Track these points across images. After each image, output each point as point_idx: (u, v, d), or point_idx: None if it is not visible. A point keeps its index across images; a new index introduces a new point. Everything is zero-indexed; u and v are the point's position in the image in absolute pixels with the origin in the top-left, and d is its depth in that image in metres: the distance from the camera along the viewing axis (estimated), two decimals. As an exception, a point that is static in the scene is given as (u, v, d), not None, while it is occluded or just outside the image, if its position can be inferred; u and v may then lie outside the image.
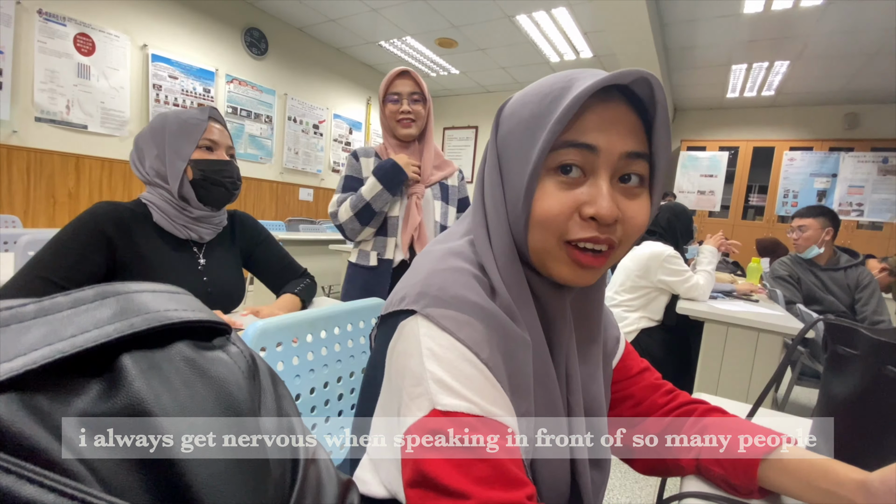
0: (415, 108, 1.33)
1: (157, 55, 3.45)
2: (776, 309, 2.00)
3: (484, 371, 0.38)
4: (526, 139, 0.42)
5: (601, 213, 0.40)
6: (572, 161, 0.41)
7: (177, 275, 1.01)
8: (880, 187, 4.66)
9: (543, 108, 0.41)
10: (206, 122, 1.01)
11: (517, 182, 0.43)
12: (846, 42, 3.52)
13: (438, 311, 0.40)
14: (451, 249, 0.47)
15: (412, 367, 0.39)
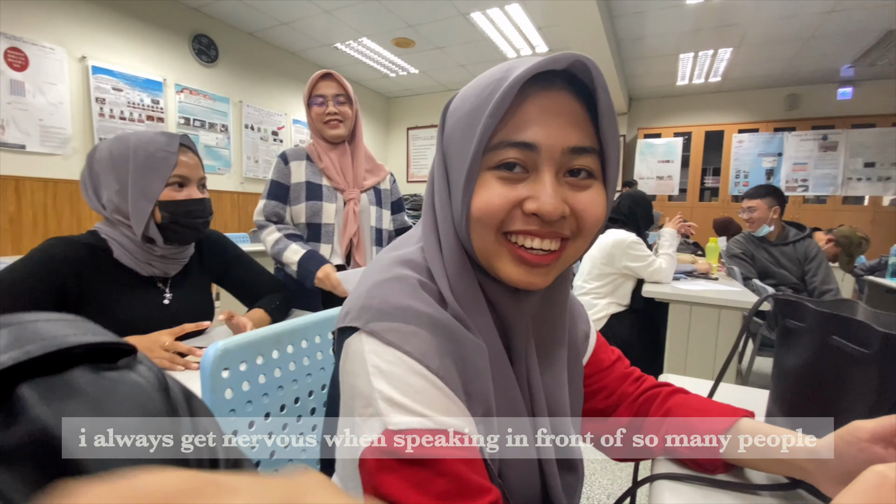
0: (341, 109, 1.32)
1: (98, 67, 3.28)
2: (734, 285, 2.09)
3: (435, 382, 0.37)
4: (465, 135, 0.40)
5: (544, 209, 0.38)
6: (513, 159, 0.39)
7: (140, 313, 0.94)
8: (822, 163, 4.95)
9: (482, 100, 0.39)
10: (175, 155, 0.91)
11: (459, 179, 0.41)
12: (783, 27, 3.72)
13: (382, 324, 0.38)
14: (398, 258, 0.46)
15: (360, 388, 0.37)
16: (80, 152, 3.21)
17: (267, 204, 1.32)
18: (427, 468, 0.34)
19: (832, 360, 0.47)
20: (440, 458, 0.34)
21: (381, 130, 6.54)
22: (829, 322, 0.47)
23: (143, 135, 0.92)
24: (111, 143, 0.91)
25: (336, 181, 1.34)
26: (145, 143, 0.90)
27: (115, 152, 0.89)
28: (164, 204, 0.91)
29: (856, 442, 0.38)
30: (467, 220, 0.41)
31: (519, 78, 0.37)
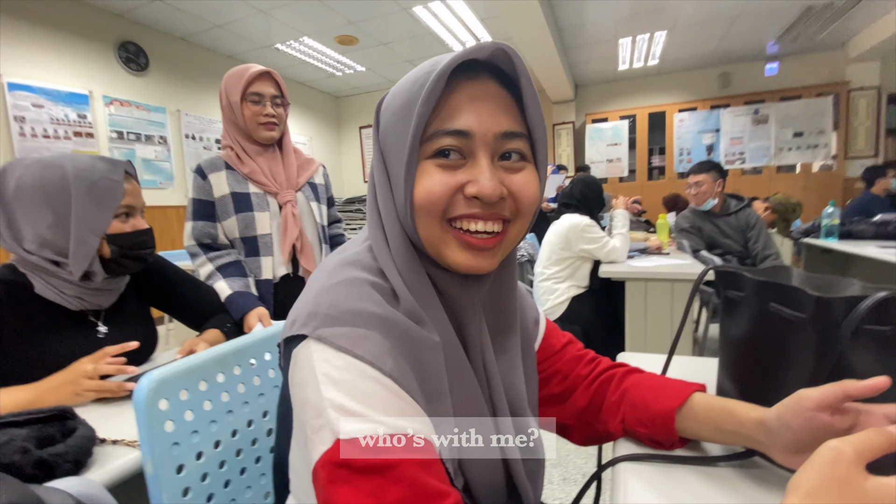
0: (278, 112, 1.24)
1: (14, 83, 3.02)
2: (685, 258, 2.18)
3: (388, 384, 0.36)
4: (401, 129, 0.41)
5: (484, 191, 0.39)
6: (449, 146, 0.40)
7: (71, 352, 0.84)
8: (756, 136, 5.26)
9: (413, 94, 0.40)
10: (121, 184, 0.83)
11: (399, 173, 0.41)
12: (710, 8, 3.90)
13: (330, 330, 0.37)
14: (345, 259, 0.44)
15: (310, 398, 0.36)
16: (0, 176, 2.95)
17: (195, 226, 1.20)
18: (381, 476, 0.32)
19: (772, 327, 0.48)
20: (394, 464, 0.32)
21: (333, 131, 6.39)
22: (766, 289, 0.48)
23: (79, 160, 0.82)
24: (38, 170, 0.79)
25: (266, 185, 1.24)
26: (86, 171, 0.81)
27: (47, 180, 0.79)
28: (113, 237, 0.84)
29: (802, 411, 0.39)
30: (412, 210, 0.41)
31: (446, 67, 0.38)
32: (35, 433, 0.51)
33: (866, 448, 0.30)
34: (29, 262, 0.83)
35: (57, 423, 0.54)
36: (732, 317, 0.54)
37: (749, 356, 0.51)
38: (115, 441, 0.62)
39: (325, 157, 6.12)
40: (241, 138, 1.25)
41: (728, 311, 0.55)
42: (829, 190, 5.00)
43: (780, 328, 0.47)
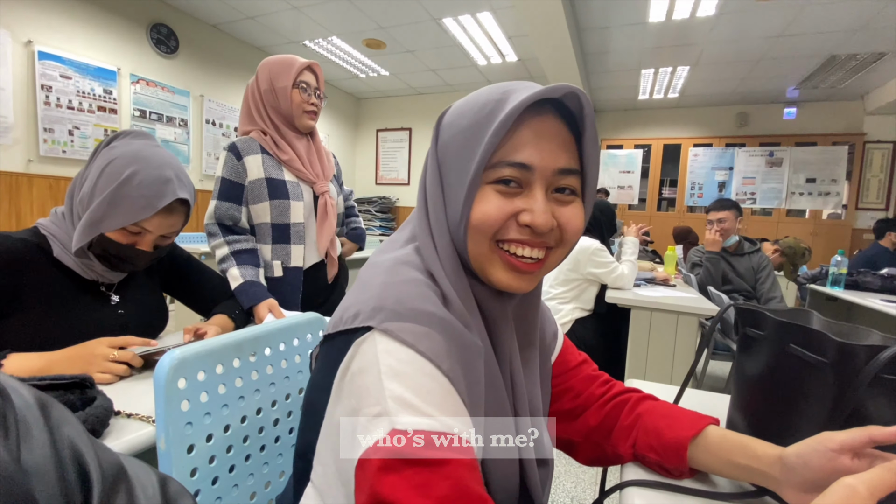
0: (318, 103, 1.27)
1: (45, 52, 3.06)
2: (691, 292, 2.18)
3: (445, 384, 0.38)
4: (465, 150, 0.44)
5: (537, 222, 0.42)
6: (509, 176, 0.43)
7: (87, 318, 0.87)
8: (769, 178, 5.28)
9: (481, 119, 0.43)
10: (154, 210, 0.83)
11: (457, 191, 0.44)
12: (735, 49, 3.94)
13: (397, 324, 0.38)
14: (399, 259, 0.46)
15: (369, 386, 0.36)
16: (22, 142, 2.99)
17: (219, 206, 1.19)
18: (431, 471, 0.33)
19: (790, 368, 0.49)
20: (445, 462, 0.33)
21: (351, 131, 6.44)
22: (787, 331, 0.49)
23: (147, 171, 0.82)
24: (118, 153, 0.82)
25: (304, 173, 1.26)
26: (141, 184, 0.81)
27: (112, 166, 0.81)
28: (103, 239, 0.84)
29: (825, 452, 0.40)
30: (465, 228, 0.44)
31: (521, 105, 0.41)
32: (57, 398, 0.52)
33: (878, 485, 0.31)
34: (56, 219, 0.86)
35: (77, 390, 0.55)
36: (750, 354, 0.54)
37: (764, 394, 0.52)
38: (129, 414, 0.63)
39: (340, 156, 6.15)
40: (281, 124, 1.25)
41: (745, 349, 0.55)
42: (837, 238, 5.01)
43: (799, 370, 0.48)
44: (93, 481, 0.24)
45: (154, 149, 0.87)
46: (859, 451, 0.40)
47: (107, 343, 0.78)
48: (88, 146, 3.33)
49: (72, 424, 0.25)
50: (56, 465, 0.22)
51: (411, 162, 6.18)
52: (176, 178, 0.86)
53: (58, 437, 0.23)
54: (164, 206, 0.85)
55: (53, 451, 0.23)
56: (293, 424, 0.77)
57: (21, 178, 3.01)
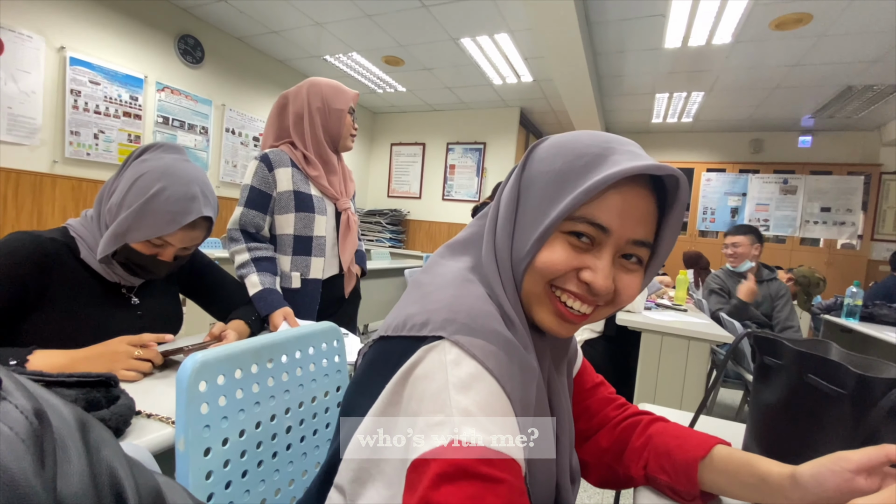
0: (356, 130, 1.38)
1: (76, 59, 3.18)
2: (703, 318, 2.16)
3: (506, 404, 0.38)
4: (549, 192, 0.44)
5: (597, 285, 0.43)
6: (584, 231, 0.44)
7: (109, 319, 0.90)
8: (782, 205, 5.25)
9: (575, 168, 0.43)
10: (178, 226, 0.86)
11: (530, 229, 0.45)
12: (750, 77, 3.97)
13: (468, 339, 0.39)
14: (462, 273, 0.47)
15: (435, 394, 0.37)
16: (49, 144, 3.08)
17: (246, 213, 1.23)
18: (486, 487, 0.33)
19: (808, 398, 0.49)
20: (500, 480, 0.34)
21: (366, 145, 6.54)
22: (805, 361, 0.49)
23: (175, 188, 0.85)
24: (148, 167, 0.85)
25: (329, 190, 1.32)
26: (168, 200, 0.84)
27: (142, 180, 0.84)
28: (127, 249, 0.86)
29: (841, 472, 0.40)
30: (527, 266, 0.45)
31: (619, 174, 0.41)
32: (83, 395, 0.53)
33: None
34: (86, 221, 0.89)
35: (102, 388, 0.57)
36: (767, 383, 0.54)
37: (781, 423, 0.52)
38: (149, 414, 0.64)
39: (354, 168, 6.25)
40: (324, 142, 1.30)
41: (762, 377, 0.55)
42: (851, 269, 4.94)
43: (817, 400, 0.48)
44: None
45: (183, 164, 0.89)
46: (875, 471, 0.40)
47: (127, 341, 0.80)
48: (112, 150, 3.42)
49: (110, 446, 0.24)
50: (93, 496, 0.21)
51: (423, 176, 6.24)
52: (202, 194, 0.89)
53: (96, 462, 0.22)
54: (193, 223, 0.88)
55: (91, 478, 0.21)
56: (305, 433, 0.78)
57: (45, 179, 3.09)
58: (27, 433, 0.19)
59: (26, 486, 0.17)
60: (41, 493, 0.18)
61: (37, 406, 0.20)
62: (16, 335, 0.82)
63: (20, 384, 0.20)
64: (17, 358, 0.72)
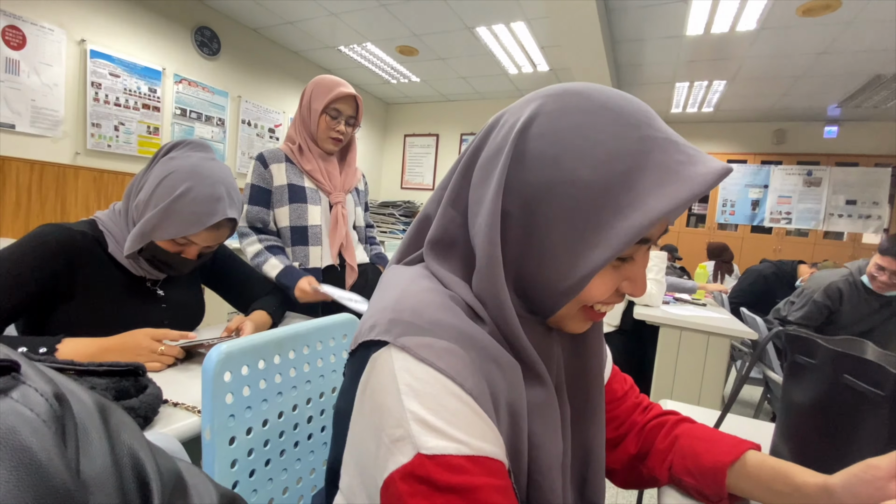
0: (347, 131, 1.34)
1: (96, 51, 3.22)
2: (723, 312, 2.12)
3: (470, 403, 0.35)
4: (587, 213, 0.37)
5: (637, 294, 0.42)
6: (628, 254, 0.41)
7: (132, 306, 0.92)
8: (805, 198, 5.10)
9: (612, 180, 0.36)
10: (202, 227, 0.87)
11: (566, 258, 0.38)
12: (775, 65, 3.84)
13: (414, 339, 0.36)
14: (418, 270, 0.45)
15: (390, 406, 0.35)
16: (71, 136, 3.14)
17: (250, 210, 1.29)
18: (462, 498, 0.32)
19: (843, 399, 0.47)
20: (476, 487, 0.32)
21: (379, 135, 6.53)
22: (841, 360, 0.48)
23: (201, 188, 0.86)
24: (175, 165, 0.86)
25: (322, 183, 1.34)
26: (194, 200, 0.85)
27: (169, 179, 0.85)
28: (153, 247, 0.88)
29: (873, 480, 0.39)
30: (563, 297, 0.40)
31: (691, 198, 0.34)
32: (113, 384, 0.55)
33: None
34: (113, 215, 0.91)
35: (131, 377, 0.58)
36: (798, 382, 0.53)
37: (813, 424, 0.51)
38: (175, 403, 0.65)
39: (367, 160, 6.26)
40: (308, 139, 1.34)
41: (794, 376, 0.54)
42: (877, 264, 4.80)
43: (853, 401, 0.46)
44: (153, 491, 0.23)
45: (210, 163, 0.90)
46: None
47: (151, 335, 0.82)
48: (132, 142, 3.48)
49: (131, 429, 0.24)
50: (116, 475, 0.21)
51: (437, 168, 6.22)
52: (227, 195, 0.90)
53: (117, 445, 0.22)
54: (217, 224, 0.89)
55: (113, 459, 0.21)
56: (325, 423, 0.78)
57: (68, 170, 3.15)
58: (49, 415, 0.19)
59: (50, 466, 0.17)
60: (64, 472, 0.18)
61: (56, 390, 0.20)
62: (45, 325, 0.84)
63: (39, 370, 0.21)
64: (47, 346, 0.74)
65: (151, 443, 0.25)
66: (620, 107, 0.37)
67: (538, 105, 0.40)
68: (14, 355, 0.20)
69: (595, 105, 0.38)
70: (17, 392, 0.18)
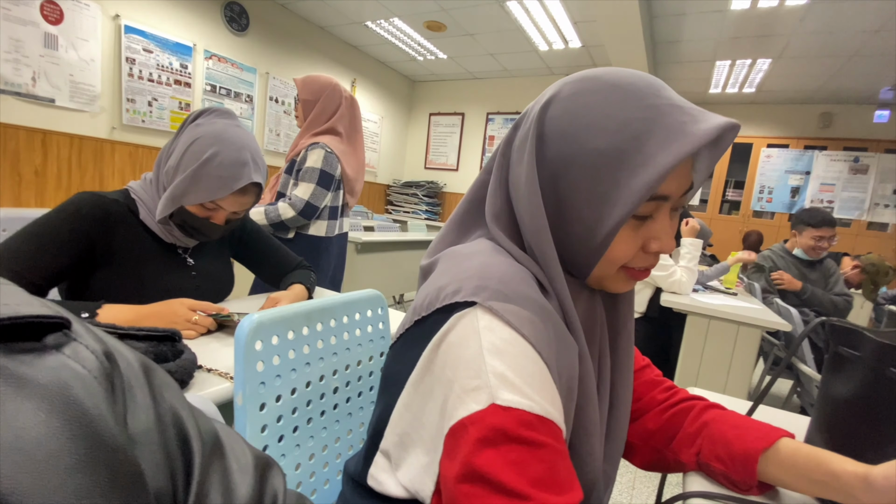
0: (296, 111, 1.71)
1: (130, 27, 3.28)
2: (754, 303, 2.06)
3: (544, 370, 0.37)
4: (604, 177, 0.40)
5: (665, 249, 0.43)
6: (647, 212, 0.43)
7: (167, 278, 0.95)
8: (850, 186, 4.84)
9: (624, 146, 0.39)
10: (230, 190, 0.89)
11: (591, 217, 0.42)
12: (826, 42, 3.60)
13: (501, 304, 0.38)
14: (489, 245, 0.47)
15: (469, 360, 0.36)
16: (108, 111, 3.23)
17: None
18: (529, 451, 0.33)
19: (888, 392, 0.45)
20: (542, 443, 0.33)
21: (404, 113, 6.49)
22: (888, 353, 0.45)
23: (227, 153, 0.88)
24: (202, 131, 0.88)
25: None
26: (220, 165, 0.87)
27: (196, 145, 0.87)
28: (182, 211, 0.91)
29: None
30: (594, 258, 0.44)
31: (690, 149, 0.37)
32: (152, 348, 0.57)
33: None
34: (145, 183, 0.94)
35: (168, 342, 0.60)
36: (840, 375, 0.51)
37: (854, 417, 0.49)
38: (209, 369, 0.68)
39: (392, 139, 6.24)
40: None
41: (836, 368, 0.52)
42: (924, 257, 4.54)
43: (899, 396, 0.44)
44: (193, 450, 0.23)
45: (235, 129, 0.92)
46: None
47: (189, 305, 0.85)
48: (165, 118, 3.55)
49: (172, 389, 0.25)
50: (159, 433, 0.22)
51: (461, 147, 6.15)
52: (252, 161, 0.92)
53: (161, 403, 0.23)
54: (244, 188, 0.90)
55: (157, 417, 0.22)
56: (350, 394, 0.80)
57: (105, 144, 3.26)
58: (99, 371, 0.19)
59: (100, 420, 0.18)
60: (114, 426, 0.18)
61: (105, 348, 0.21)
62: (83, 291, 0.88)
63: (89, 328, 0.21)
64: (89, 311, 0.77)
65: (191, 404, 0.26)
66: (630, 83, 0.41)
67: (556, 91, 0.44)
68: (65, 313, 0.20)
69: (606, 85, 0.41)
70: (68, 348, 0.19)
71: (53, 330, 0.19)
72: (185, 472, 0.22)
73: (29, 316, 0.18)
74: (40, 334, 0.19)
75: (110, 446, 0.17)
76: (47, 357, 0.18)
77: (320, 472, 0.74)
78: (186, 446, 0.23)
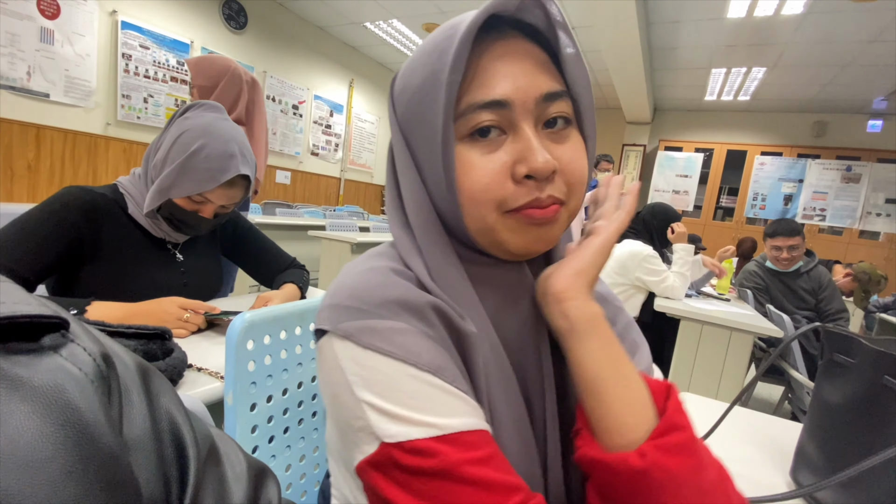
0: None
1: (127, 23, 3.26)
2: (746, 309, 2.07)
3: (429, 379, 0.32)
4: (426, 107, 0.35)
5: (536, 167, 0.34)
6: (487, 122, 0.35)
7: (151, 267, 0.94)
8: (843, 194, 4.89)
9: (435, 63, 0.35)
10: (217, 183, 0.88)
11: (431, 159, 0.36)
12: (820, 52, 3.64)
13: (355, 324, 0.33)
14: (369, 253, 0.42)
15: (344, 400, 0.33)
16: (102, 106, 3.20)
17: None
18: (440, 479, 0.30)
19: (882, 400, 0.45)
20: (453, 465, 0.30)
21: (401, 115, 6.49)
22: (883, 361, 0.45)
23: (214, 146, 0.87)
24: (190, 124, 0.88)
25: None
26: (207, 157, 0.87)
27: (184, 137, 0.87)
28: (170, 205, 0.90)
29: None
30: (456, 202, 0.36)
31: (473, 24, 0.33)
32: (142, 346, 0.56)
33: None
34: (134, 179, 0.93)
35: (158, 341, 0.59)
36: (833, 381, 0.51)
37: (847, 425, 0.49)
38: (199, 368, 0.67)
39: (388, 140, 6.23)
40: None
41: (830, 375, 0.52)
42: (914, 266, 4.60)
43: (893, 404, 0.44)
44: (189, 456, 0.23)
45: (223, 122, 0.91)
46: None
47: (179, 303, 0.84)
48: (160, 114, 3.53)
49: (169, 394, 0.24)
50: (155, 439, 0.21)
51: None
52: (240, 153, 0.91)
53: (157, 409, 0.22)
54: (226, 180, 0.89)
55: (153, 423, 0.21)
56: (342, 396, 0.80)
57: (99, 140, 3.23)
58: (95, 375, 0.19)
59: (95, 425, 0.17)
60: (109, 432, 0.18)
61: (103, 350, 0.20)
62: (71, 287, 0.87)
63: (87, 329, 0.21)
64: (77, 308, 0.76)
65: (187, 409, 0.25)
66: (431, 37, 0.38)
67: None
68: (63, 313, 0.20)
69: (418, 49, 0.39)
70: (65, 350, 0.18)
71: (51, 330, 0.19)
72: (180, 480, 0.22)
73: (27, 315, 0.18)
74: (38, 334, 0.18)
75: (105, 452, 0.17)
76: (44, 358, 0.17)
77: (311, 473, 0.74)
78: (182, 453, 0.23)
